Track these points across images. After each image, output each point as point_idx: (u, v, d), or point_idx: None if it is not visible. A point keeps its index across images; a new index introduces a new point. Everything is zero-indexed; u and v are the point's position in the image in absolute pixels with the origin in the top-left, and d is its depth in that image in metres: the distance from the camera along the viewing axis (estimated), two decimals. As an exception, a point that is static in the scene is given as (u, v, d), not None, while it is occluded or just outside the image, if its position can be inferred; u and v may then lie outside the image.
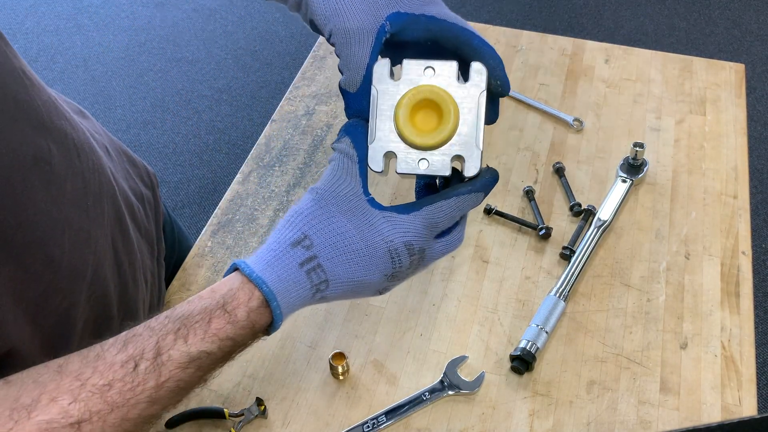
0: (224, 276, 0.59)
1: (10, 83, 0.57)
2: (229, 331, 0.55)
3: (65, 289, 0.65)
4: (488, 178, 0.61)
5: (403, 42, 0.61)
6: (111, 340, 0.55)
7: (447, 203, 0.60)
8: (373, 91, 0.59)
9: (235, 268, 0.59)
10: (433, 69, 0.59)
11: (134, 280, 0.79)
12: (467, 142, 0.59)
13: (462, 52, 0.60)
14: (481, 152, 0.59)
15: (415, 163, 0.60)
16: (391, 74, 0.60)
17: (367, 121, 0.61)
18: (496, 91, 0.60)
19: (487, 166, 0.63)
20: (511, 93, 1.09)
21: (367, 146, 0.60)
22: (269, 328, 0.58)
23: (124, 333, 0.55)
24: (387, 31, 0.59)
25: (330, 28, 0.59)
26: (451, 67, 0.59)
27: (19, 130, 0.58)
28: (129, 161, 0.88)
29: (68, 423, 0.50)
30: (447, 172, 0.60)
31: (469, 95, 0.59)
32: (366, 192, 0.60)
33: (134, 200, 0.83)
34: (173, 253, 0.98)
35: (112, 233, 0.74)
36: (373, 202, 0.60)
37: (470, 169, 0.60)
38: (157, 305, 0.87)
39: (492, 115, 0.63)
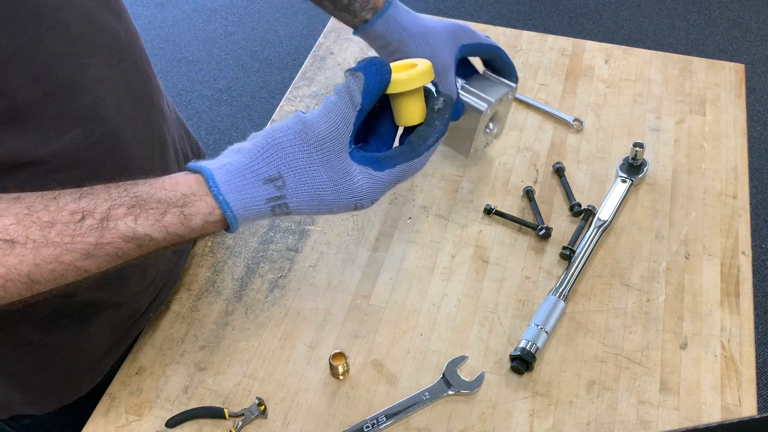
0: (188, 167, 0.59)
1: None
2: (180, 231, 0.57)
3: (78, 111, 0.65)
4: (442, 126, 0.64)
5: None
6: (71, 189, 0.56)
7: (419, 161, 0.63)
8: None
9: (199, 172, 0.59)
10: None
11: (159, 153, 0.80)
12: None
13: (494, 63, 0.91)
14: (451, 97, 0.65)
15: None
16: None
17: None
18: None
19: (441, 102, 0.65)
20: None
21: (373, 96, 0.61)
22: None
23: (85, 187, 0.56)
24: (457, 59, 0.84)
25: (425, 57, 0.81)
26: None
27: None
28: (183, 128, 0.91)
29: (3, 238, 0.51)
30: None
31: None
32: (351, 142, 0.61)
33: (179, 144, 0.85)
34: None
35: (137, 102, 0.74)
36: (354, 154, 0.61)
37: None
38: None
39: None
